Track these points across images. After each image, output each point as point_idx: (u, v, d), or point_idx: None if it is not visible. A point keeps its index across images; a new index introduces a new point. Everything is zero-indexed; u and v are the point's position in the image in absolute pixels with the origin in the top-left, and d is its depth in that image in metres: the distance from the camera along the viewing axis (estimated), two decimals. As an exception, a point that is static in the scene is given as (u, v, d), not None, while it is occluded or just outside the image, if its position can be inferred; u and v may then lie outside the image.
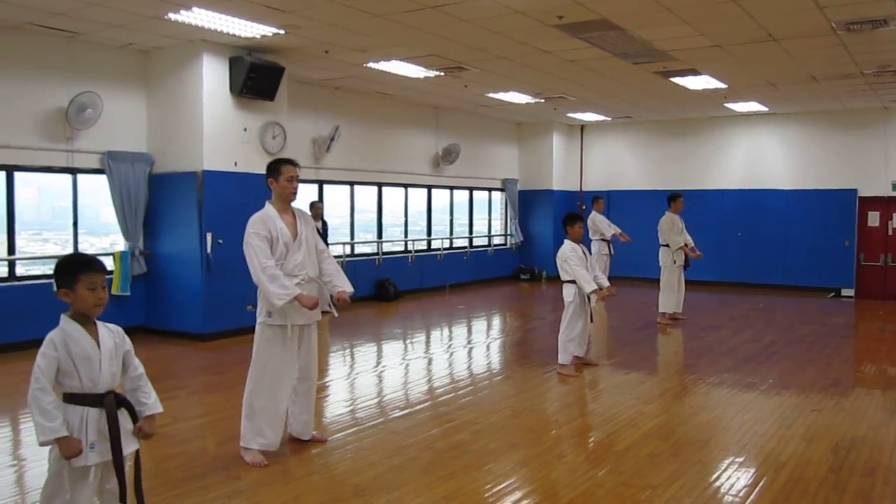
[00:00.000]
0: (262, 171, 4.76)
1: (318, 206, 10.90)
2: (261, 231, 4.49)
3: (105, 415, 2.85)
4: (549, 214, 16.07)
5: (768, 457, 4.72)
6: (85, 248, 8.88)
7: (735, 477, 4.38)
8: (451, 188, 14.77)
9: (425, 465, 4.55)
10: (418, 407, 5.94)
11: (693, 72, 10.16)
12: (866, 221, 13.61)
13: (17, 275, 8.19)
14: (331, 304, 4.90)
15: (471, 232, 15.54)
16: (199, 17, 7.41)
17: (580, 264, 6.92)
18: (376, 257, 12.73)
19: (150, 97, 9.07)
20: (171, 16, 7.37)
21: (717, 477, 4.38)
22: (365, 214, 12.93)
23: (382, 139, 12.86)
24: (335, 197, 12.16)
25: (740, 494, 4.10)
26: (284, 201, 4.67)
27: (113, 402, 2.87)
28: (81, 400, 2.84)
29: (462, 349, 8.82)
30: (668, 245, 10.24)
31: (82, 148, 8.44)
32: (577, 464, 4.63)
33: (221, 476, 4.32)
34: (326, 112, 11.55)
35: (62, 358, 2.80)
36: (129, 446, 2.95)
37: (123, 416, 2.93)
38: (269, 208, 4.62)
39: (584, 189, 16.65)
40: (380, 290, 12.47)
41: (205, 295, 8.67)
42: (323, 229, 10.83)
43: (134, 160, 8.82)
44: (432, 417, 5.64)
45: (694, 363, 7.77)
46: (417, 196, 13.91)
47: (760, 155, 14.60)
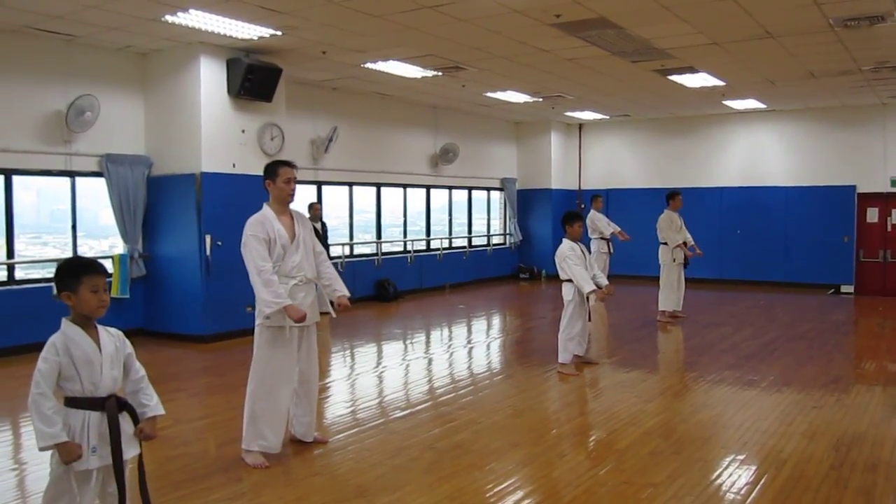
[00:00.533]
0: (261, 172, 4.75)
1: (316, 207, 10.90)
2: (258, 233, 4.48)
3: (106, 419, 2.85)
4: (547, 213, 16.07)
5: (769, 454, 4.72)
6: (84, 252, 8.87)
7: (736, 474, 4.38)
8: (449, 188, 14.77)
9: (427, 465, 4.55)
10: (419, 407, 5.94)
11: (691, 70, 10.17)
12: (865, 218, 13.63)
13: (17, 278, 8.20)
14: (329, 304, 4.89)
15: (470, 232, 15.54)
16: (196, 19, 7.41)
17: (579, 264, 6.91)
18: (375, 258, 12.74)
19: (148, 100, 9.06)
20: (169, 18, 7.37)
21: (719, 475, 4.38)
22: (364, 215, 12.94)
23: (381, 140, 12.86)
24: (334, 198, 12.15)
25: (742, 492, 4.10)
26: (282, 203, 4.66)
27: (114, 406, 2.87)
28: (83, 404, 2.83)
29: (462, 349, 8.82)
30: (667, 243, 10.25)
31: (81, 151, 8.44)
32: (578, 462, 4.63)
33: (223, 478, 4.32)
34: (324, 113, 11.55)
35: (64, 362, 2.80)
36: (130, 450, 2.95)
37: (125, 420, 2.93)
38: (266, 210, 4.62)
39: (582, 188, 16.66)
40: (379, 291, 12.48)
41: (204, 297, 8.67)
42: (322, 230, 10.82)
43: (132, 163, 8.82)
44: (433, 417, 5.64)
45: (694, 361, 7.77)
46: (416, 196, 13.91)
47: (759, 152, 14.61)
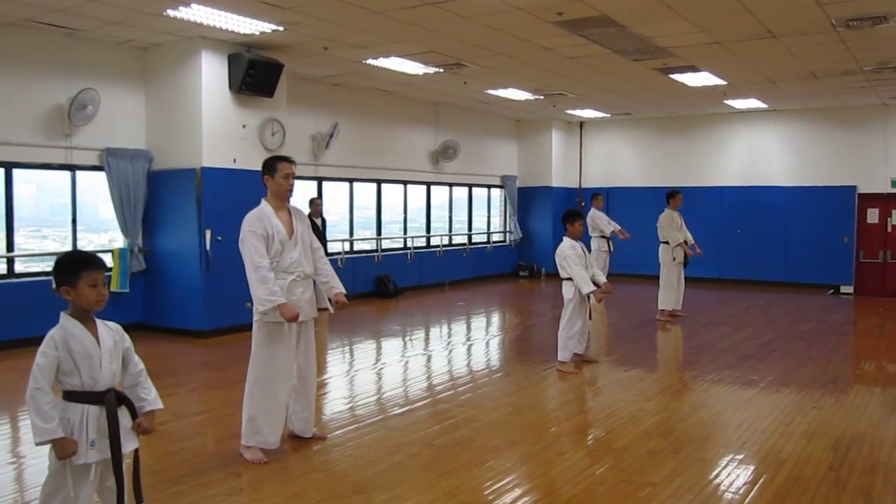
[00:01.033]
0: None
1: (317, 203, 10.88)
2: (257, 229, 4.48)
3: (105, 413, 2.84)
4: (548, 211, 16.06)
5: (768, 454, 4.72)
6: (84, 245, 8.85)
7: (735, 474, 4.38)
8: (450, 185, 14.76)
9: (426, 461, 4.55)
10: (418, 404, 5.94)
11: (693, 68, 10.15)
12: (865, 218, 13.63)
13: (16, 272, 8.19)
14: (327, 301, 4.89)
15: (470, 229, 15.53)
16: (198, 13, 7.40)
17: (579, 263, 6.90)
18: (375, 254, 12.73)
19: (149, 94, 9.05)
20: (171, 12, 7.35)
21: (717, 474, 4.38)
22: (364, 211, 12.93)
23: (382, 136, 12.85)
24: (334, 194, 12.14)
25: (740, 492, 4.10)
26: (280, 199, 4.65)
27: (113, 400, 2.87)
28: (82, 398, 2.83)
29: (461, 346, 8.82)
30: (667, 242, 10.25)
31: (81, 145, 8.43)
32: (577, 461, 4.63)
33: (222, 473, 4.32)
34: (325, 109, 11.53)
35: (62, 356, 2.80)
36: (129, 445, 2.95)
37: (123, 415, 2.93)
38: (264, 206, 4.61)
39: (583, 186, 16.65)
40: (379, 287, 12.47)
41: (204, 292, 8.66)
42: (322, 226, 10.82)
43: (133, 157, 8.80)
44: (432, 414, 5.64)
45: (693, 360, 7.78)
46: (417, 193, 13.90)
47: (760, 152, 14.60)
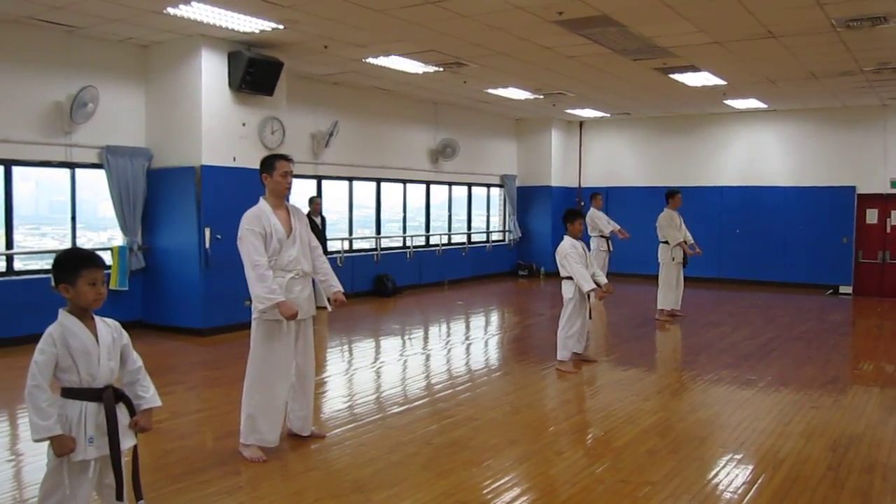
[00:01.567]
0: (261, 166, 4.74)
1: (316, 202, 10.88)
2: (255, 227, 4.48)
3: (104, 409, 2.84)
4: (547, 211, 16.07)
5: (767, 454, 4.72)
6: (83, 243, 8.85)
7: (733, 474, 4.38)
8: (449, 184, 14.76)
9: (424, 460, 4.55)
10: (417, 403, 5.95)
11: (692, 68, 10.15)
12: (864, 219, 13.64)
13: (15, 269, 8.19)
14: (326, 299, 4.90)
15: (469, 228, 15.53)
16: (198, 11, 7.39)
17: (579, 262, 6.91)
18: (375, 253, 12.73)
19: (149, 92, 9.04)
20: (171, 10, 7.35)
21: (716, 474, 4.38)
22: (363, 210, 12.93)
23: (381, 135, 12.84)
24: (334, 192, 12.14)
25: (739, 491, 4.10)
26: (278, 197, 4.65)
27: (111, 397, 2.87)
28: (80, 394, 2.83)
29: (460, 345, 8.82)
30: (666, 242, 10.25)
31: (80, 142, 8.43)
32: (575, 460, 4.63)
33: (221, 471, 4.32)
34: (325, 107, 11.53)
35: (61, 353, 2.80)
36: (127, 441, 2.95)
37: (121, 412, 2.93)
38: (262, 204, 4.61)
39: (582, 185, 16.65)
40: (378, 286, 12.47)
41: (203, 290, 8.66)
42: (321, 225, 10.82)
43: (132, 155, 8.80)
44: (431, 413, 5.64)
45: (692, 360, 7.78)
46: (416, 192, 13.90)
47: (759, 152, 14.60)
